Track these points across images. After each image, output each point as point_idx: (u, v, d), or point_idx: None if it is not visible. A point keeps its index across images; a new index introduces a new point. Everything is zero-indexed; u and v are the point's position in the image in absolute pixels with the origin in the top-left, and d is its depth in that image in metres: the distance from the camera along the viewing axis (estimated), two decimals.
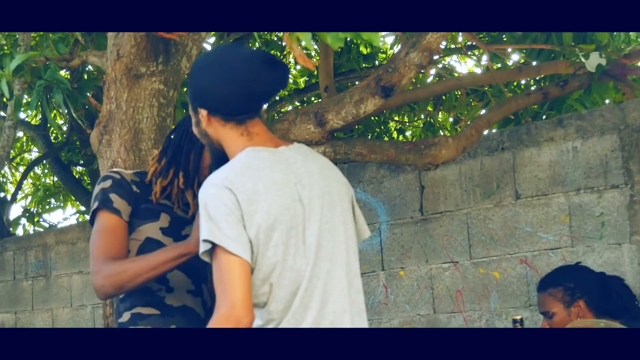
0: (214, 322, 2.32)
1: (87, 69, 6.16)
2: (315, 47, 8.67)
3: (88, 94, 4.87)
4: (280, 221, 2.42)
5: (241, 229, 2.38)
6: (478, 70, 9.05)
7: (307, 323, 2.43)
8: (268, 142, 2.58)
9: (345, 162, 5.32)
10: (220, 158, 2.62)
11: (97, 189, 3.00)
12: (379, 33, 2.42)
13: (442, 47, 8.25)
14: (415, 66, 3.92)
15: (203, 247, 2.39)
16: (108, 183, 2.98)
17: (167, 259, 2.78)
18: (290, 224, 2.45)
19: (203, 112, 2.58)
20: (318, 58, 6.43)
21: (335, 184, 2.62)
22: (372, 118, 9.09)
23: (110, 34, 4.06)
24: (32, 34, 5.32)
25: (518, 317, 3.72)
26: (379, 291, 5.61)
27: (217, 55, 2.62)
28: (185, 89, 5.26)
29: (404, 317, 5.47)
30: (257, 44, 8.81)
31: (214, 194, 2.41)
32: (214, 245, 2.36)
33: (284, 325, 2.42)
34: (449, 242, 5.28)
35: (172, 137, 3.03)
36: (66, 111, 4.66)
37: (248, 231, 2.38)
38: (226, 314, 2.31)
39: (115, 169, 3.21)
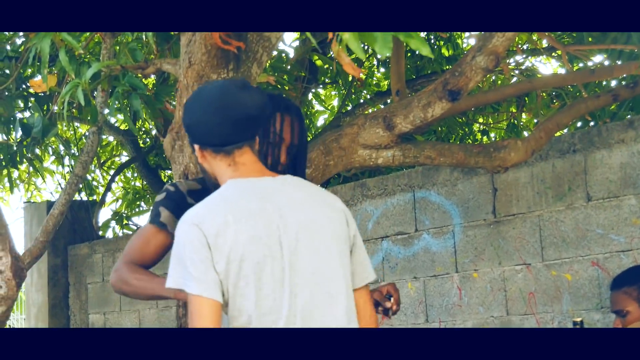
0: None
1: (170, 76, 6.31)
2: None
3: (165, 100, 5.00)
4: (250, 251, 2.45)
5: (206, 267, 2.43)
6: (562, 71, 8.96)
7: None
8: (254, 172, 2.64)
9: (418, 165, 5.37)
10: None
11: (155, 200, 3.25)
12: (423, 37, 2.45)
13: (525, 48, 8.21)
14: (481, 70, 3.94)
15: (169, 292, 2.51)
16: (162, 196, 3.21)
17: (164, 295, 2.97)
18: (263, 253, 2.47)
19: (196, 147, 2.68)
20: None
21: (325, 213, 2.64)
22: (457, 119, 9.06)
23: (182, 42, 4.15)
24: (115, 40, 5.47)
25: (578, 320, 3.73)
26: (453, 293, 5.64)
27: (198, 90, 2.72)
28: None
29: (477, 318, 5.48)
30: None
31: (183, 232, 2.51)
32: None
33: None
34: (522, 244, 5.28)
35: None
36: (143, 117, 4.81)
37: (217, 265, 2.43)
38: None
39: (177, 181, 3.41)
